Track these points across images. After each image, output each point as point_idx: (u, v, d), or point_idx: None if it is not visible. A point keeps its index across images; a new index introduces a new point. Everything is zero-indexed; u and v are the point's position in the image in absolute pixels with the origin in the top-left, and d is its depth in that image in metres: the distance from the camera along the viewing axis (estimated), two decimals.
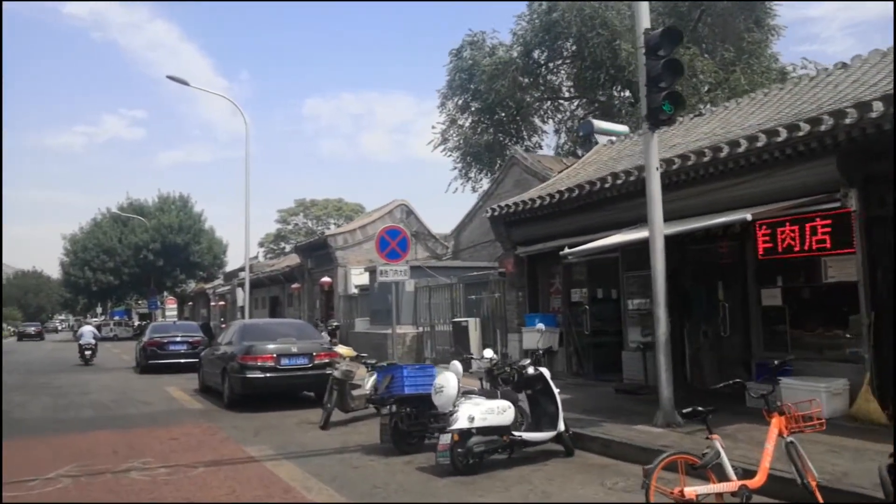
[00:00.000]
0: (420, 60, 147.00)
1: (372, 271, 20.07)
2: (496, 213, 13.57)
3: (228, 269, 50.76)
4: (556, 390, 7.28)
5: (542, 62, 28.41)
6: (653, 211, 8.20)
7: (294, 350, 11.44)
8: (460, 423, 6.52)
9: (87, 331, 24.33)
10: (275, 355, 11.25)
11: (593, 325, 12.58)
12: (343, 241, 26.21)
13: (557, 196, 11.75)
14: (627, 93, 28.08)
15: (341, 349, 10.86)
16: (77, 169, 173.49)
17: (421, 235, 26.05)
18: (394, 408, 7.65)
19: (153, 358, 19.22)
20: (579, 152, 28.37)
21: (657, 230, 8.20)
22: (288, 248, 56.47)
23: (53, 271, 68.09)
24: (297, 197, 76.93)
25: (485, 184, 29.33)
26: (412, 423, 7.63)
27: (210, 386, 13.36)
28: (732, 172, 8.98)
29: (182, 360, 18.72)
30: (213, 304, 46.38)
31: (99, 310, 69.38)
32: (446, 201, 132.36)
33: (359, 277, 24.55)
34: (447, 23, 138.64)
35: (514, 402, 7.00)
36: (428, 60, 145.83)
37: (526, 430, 7.01)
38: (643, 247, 11.01)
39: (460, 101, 29.32)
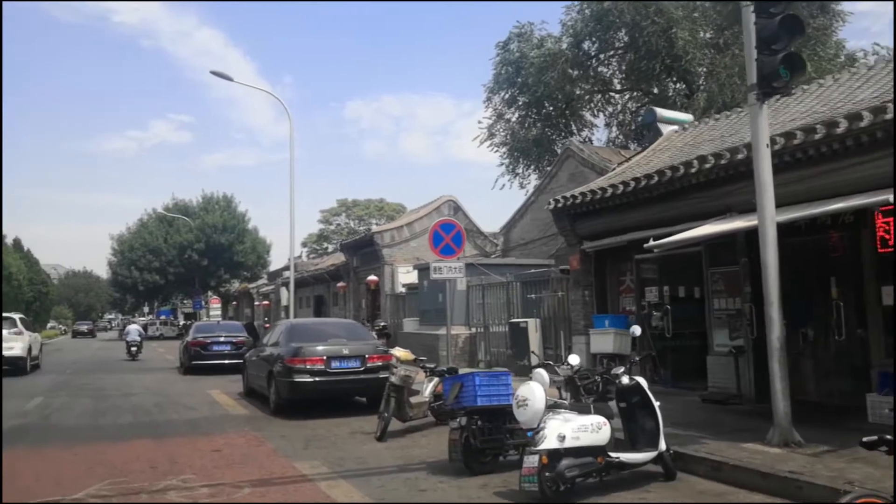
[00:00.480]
0: (460, 62, 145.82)
1: (422, 269, 19.18)
2: (560, 205, 12.48)
3: (272, 268, 50.66)
4: (656, 403, 6.21)
5: (593, 53, 27.23)
6: (763, 195, 7.05)
7: (345, 352, 10.56)
8: (549, 442, 5.50)
9: (133, 329, 26.40)
10: (325, 357, 10.39)
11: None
12: (390, 239, 25.45)
13: (633, 184, 10.62)
14: (682, 84, 26.73)
15: (398, 352, 9.96)
16: (128, 172, 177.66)
17: (470, 232, 25.04)
18: (464, 421, 6.68)
19: (196, 358, 18.70)
20: (632, 146, 27.14)
21: (768, 217, 7.05)
22: (330, 248, 56.22)
23: (104, 271, 69.38)
24: (338, 197, 76.84)
25: (533, 179, 28.32)
26: (486, 439, 6.65)
27: (254, 389, 12.62)
28: (848, 152, 7.75)
29: (226, 361, 18.14)
30: (256, 303, 46.27)
31: (146, 309, 70.34)
32: (487, 202, 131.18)
33: (406, 276, 23.72)
34: (488, 22, 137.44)
35: (610, 418, 5.96)
36: (467, 62, 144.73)
37: (622, 450, 5.97)
38: (731, 240, 9.95)
39: (507, 95, 28.36)
